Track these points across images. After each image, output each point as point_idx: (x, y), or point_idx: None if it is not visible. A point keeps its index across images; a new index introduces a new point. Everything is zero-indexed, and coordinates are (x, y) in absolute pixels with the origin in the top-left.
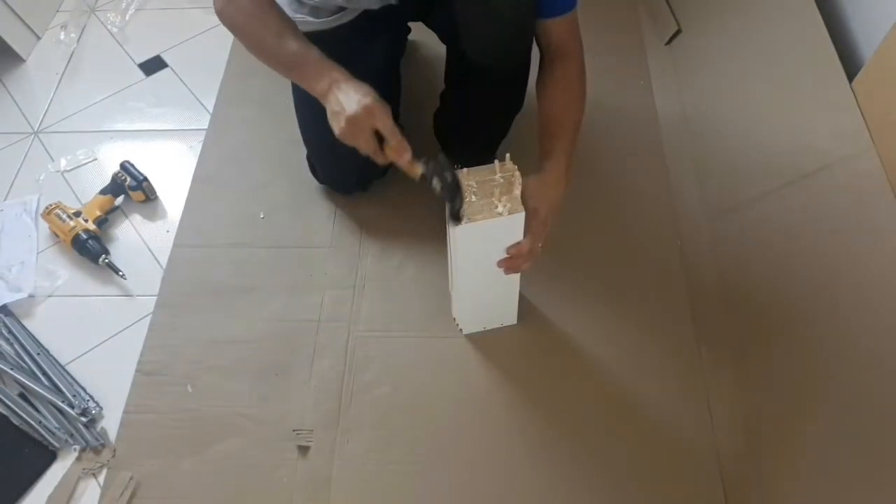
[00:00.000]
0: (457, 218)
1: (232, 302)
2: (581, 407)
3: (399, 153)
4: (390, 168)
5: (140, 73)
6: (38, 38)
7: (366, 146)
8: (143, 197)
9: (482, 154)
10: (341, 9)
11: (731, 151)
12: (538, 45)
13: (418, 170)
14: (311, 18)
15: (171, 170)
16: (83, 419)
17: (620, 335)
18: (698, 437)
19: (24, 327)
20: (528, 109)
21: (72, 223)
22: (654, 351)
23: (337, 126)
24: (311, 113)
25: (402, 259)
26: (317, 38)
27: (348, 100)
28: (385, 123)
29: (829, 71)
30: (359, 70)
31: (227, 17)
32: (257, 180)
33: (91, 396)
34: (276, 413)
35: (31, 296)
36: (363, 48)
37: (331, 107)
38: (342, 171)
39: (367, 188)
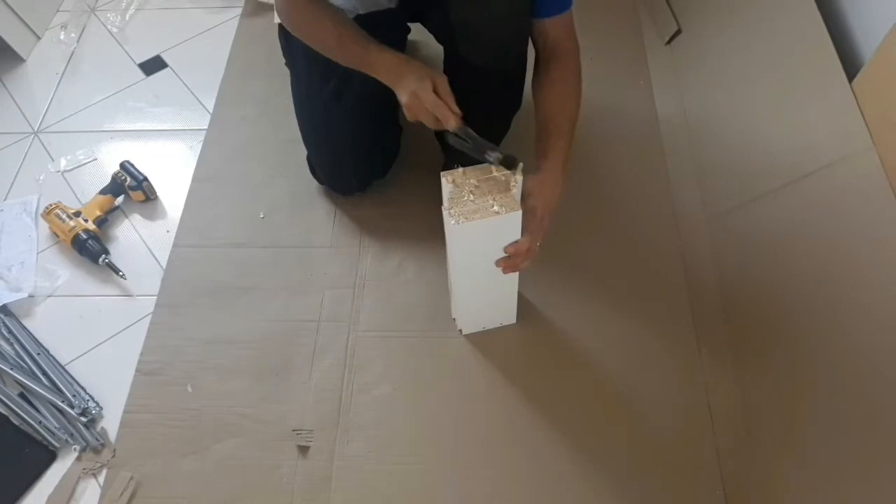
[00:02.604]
0: (511, 164)
1: (232, 302)
2: (581, 406)
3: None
4: (390, 168)
5: (140, 73)
6: (38, 37)
7: (437, 114)
8: (142, 197)
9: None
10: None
11: (731, 151)
12: (534, 44)
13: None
14: None
15: (171, 170)
16: (83, 419)
17: (620, 335)
18: (698, 437)
19: (24, 327)
20: (526, 109)
21: (72, 223)
22: (654, 350)
23: (409, 114)
24: (310, 114)
25: (402, 259)
26: None
27: (406, 84)
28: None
29: (829, 71)
30: (361, 71)
31: (290, 26)
32: (257, 180)
33: (91, 396)
34: (276, 413)
35: (31, 296)
36: None
37: (400, 97)
38: (341, 171)
39: (366, 189)
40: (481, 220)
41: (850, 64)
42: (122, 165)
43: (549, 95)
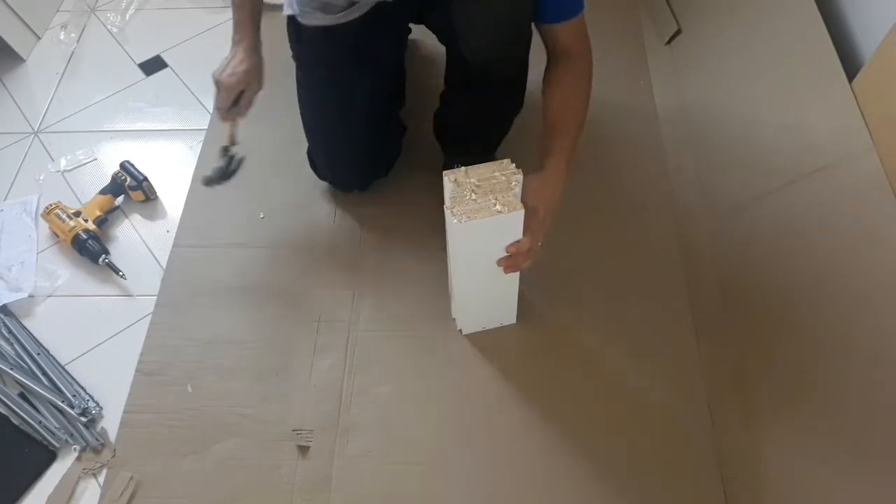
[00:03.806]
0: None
1: (232, 302)
2: (581, 406)
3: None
4: (392, 167)
5: (140, 73)
6: (38, 37)
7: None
8: (142, 197)
9: (482, 153)
10: (351, 3)
11: (731, 151)
12: (545, 45)
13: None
14: (321, 14)
15: (171, 170)
16: (83, 419)
17: (620, 335)
18: (698, 437)
19: (24, 327)
20: (527, 110)
21: (72, 223)
22: (653, 350)
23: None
24: (313, 111)
25: (402, 259)
26: (327, 33)
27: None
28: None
29: (829, 71)
30: (369, 63)
31: None
32: (257, 180)
33: (91, 396)
34: (276, 413)
35: (31, 296)
36: (372, 45)
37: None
38: (343, 169)
39: (367, 188)
40: (483, 219)
41: (851, 64)
42: (122, 165)
43: (556, 95)
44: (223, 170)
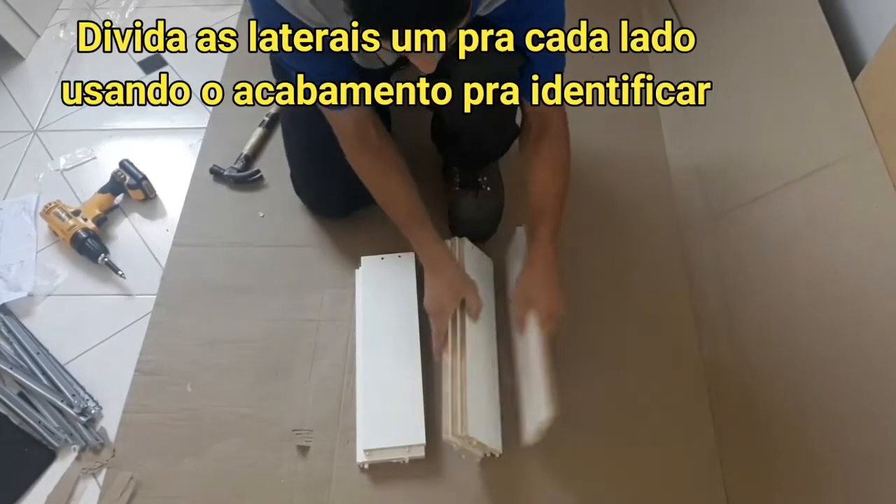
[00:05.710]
0: None
1: (232, 301)
2: (582, 409)
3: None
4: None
5: (139, 71)
6: (38, 36)
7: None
8: (142, 196)
9: (482, 165)
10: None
11: (732, 150)
12: (523, 117)
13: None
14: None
15: (171, 168)
16: (83, 419)
17: (622, 338)
18: (700, 441)
19: (23, 326)
20: None
21: (71, 222)
22: (655, 354)
23: (431, 317)
24: (300, 141)
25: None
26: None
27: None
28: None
29: (832, 69)
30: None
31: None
32: (257, 179)
33: (90, 396)
34: (275, 412)
35: (30, 295)
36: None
37: (426, 296)
38: (327, 198)
39: (348, 214)
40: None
41: (853, 62)
42: (122, 164)
43: (536, 177)
44: (237, 175)
